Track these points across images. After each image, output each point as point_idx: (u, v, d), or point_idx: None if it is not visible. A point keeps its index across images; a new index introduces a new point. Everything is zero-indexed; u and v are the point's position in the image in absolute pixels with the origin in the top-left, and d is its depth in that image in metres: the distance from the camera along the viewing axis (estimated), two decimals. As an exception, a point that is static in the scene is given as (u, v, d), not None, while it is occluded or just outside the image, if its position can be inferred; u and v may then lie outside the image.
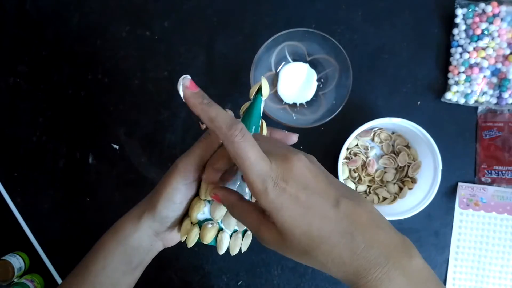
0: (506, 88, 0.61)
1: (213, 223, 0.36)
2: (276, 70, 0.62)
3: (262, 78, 0.38)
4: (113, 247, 0.39)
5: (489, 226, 0.63)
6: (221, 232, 0.36)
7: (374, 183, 0.63)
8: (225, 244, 0.36)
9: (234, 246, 0.37)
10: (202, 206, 0.37)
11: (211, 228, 0.36)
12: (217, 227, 0.36)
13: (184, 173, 0.36)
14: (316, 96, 0.62)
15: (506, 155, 0.63)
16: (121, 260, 0.39)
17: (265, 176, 0.29)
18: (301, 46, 0.60)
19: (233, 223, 0.36)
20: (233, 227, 0.37)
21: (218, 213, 0.36)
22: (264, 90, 0.38)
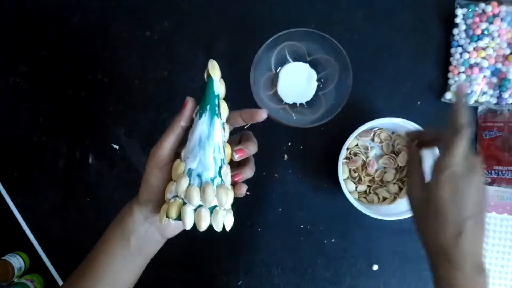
0: (506, 88, 0.61)
1: (176, 198, 0.38)
2: (276, 70, 0.62)
3: (209, 61, 0.42)
4: (113, 232, 0.42)
5: (489, 226, 0.63)
6: (184, 206, 0.38)
7: (374, 183, 0.63)
8: (189, 218, 0.37)
9: (199, 220, 0.37)
10: (171, 185, 0.39)
11: (173, 203, 0.38)
12: (180, 202, 0.38)
13: (154, 157, 0.40)
14: (316, 96, 0.62)
15: (506, 155, 0.63)
16: (120, 243, 0.41)
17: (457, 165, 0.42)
18: (301, 46, 0.60)
19: (195, 196, 0.37)
20: (196, 202, 0.38)
21: (179, 187, 0.38)
22: (212, 71, 0.41)
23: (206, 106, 0.40)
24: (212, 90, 0.41)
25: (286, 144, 0.66)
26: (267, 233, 0.66)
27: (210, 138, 0.39)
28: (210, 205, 0.38)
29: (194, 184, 0.38)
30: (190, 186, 0.38)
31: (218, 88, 0.41)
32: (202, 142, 0.39)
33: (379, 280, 0.65)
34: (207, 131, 0.40)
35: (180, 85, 0.66)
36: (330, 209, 0.66)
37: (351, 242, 0.65)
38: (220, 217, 0.38)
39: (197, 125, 0.40)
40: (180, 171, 0.39)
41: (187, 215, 0.37)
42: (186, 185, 0.38)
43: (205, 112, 0.40)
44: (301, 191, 0.66)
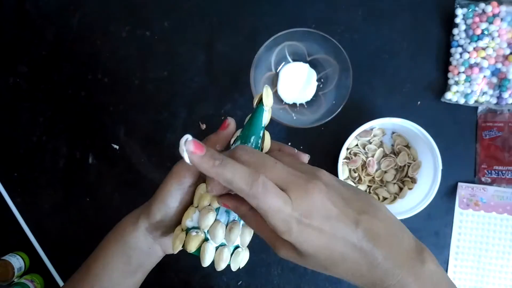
0: (506, 88, 0.61)
1: (198, 232, 0.34)
2: (276, 70, 0.62)
3: (265, 87, 0.37)
4: (113, 246, 0.39)
5: (489, 226, 0.63)
6: (206, 242, 0.34)
7: (374, 183, 0.64)
8: (209, 256, 0.34)
9: (219, 260, 0.34)
10: (192, 212, 0.35)
11: (195, 236, 0.34)
12: (202, 237, 0.34)
13: (178, 178, 0.36)
14: (316, 96, 0.62)
15: (506, 155, 0.63)
16: (120, 260, 0.39)
17: (288, 218, 0.30)
18: (301, 46, 0.60)
19: (220, 235, 0.34)
20: (220, 240, 0.34)
21: (204, 222, 0.34)
22: (266, 99, 0.37)
23: (250, 137, 0.36)
24: (260, 120, 0.37)
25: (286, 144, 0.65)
26: (267, 233, 0.66)
27: None
28: (233, 245, 0.35)
29: (220, 220, 0.34)
30: (216, 223, 0.34)
31: (266, 117, 0.37)
32: None
33: (379, 280, 0.65)
34: None
35: (180, 85, 0.66)
36: (330, 209, 0.65)
37: (351, 242, 0.65)
38: (240, 258, 0.36)
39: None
40: (207, 202, 0.35)
41: (208, 253, 0.34)
42: (213, 220, 0.34)
43: (248, 143, 0.36)
44: (301, 191, 0.66)
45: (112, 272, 0.39)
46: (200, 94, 0.66)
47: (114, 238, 0.39)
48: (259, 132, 0.37)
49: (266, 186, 0.29)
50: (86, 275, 0.39)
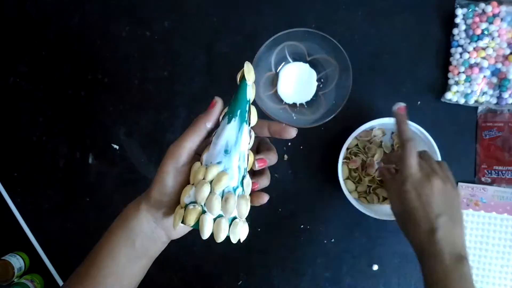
0: (506, 88, 0.61)
1: (195, 205, 0.36)
2: (276, 70, 0.62)
3: (245, 63, 0.39)
4: (117, 232, 0.40)
5: (489, 226, 0.63)
6: (203, 214, 0.36)
7: (374, 183, 0.63)
8: (207, 228, 0.35)
9: (218, 231, 0.35)
10: (189, 189, 0.37)
11: (192, 209, 0.35)
12: (200, 210, 0.36)
13: (173, 157, 0.38)
14: (316, 96, 0.62)
15: (506, 155, 0.63)
16: (124, 244, 0.40)
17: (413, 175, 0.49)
18: (301, 46, 0.60)
19: (217, 207, 0.35)
20: (217, 212, 0.36)
21: (200, 194, 0.35)
22: (248, 74, 0.39)
23: (236, 111, 0.38)
24: (244, 95, 0.39)
25: (286, 144, 0.66)
26: (267, 233, 0.66)
27: (237, 145, 0.37)
28: (230, 216, 0.36)
29: (216, 192, 0.36)
30: (212, 195, 0.36)
31: (251, 92, 0.39)
32: (228, 148, 0.37)
33: (379, 280, 0.65)
34: (235, 138, 0.37)
35: (180, 85, 0.66)
36: (330, 209, 0.66)
37: (351, 242, 0.65)
38: (239, 229, 0.36)
39: (225, 129, 0.37)
40: (201, 176, 0.36)
41: (207, 224, 0.35)
42: (208, 192, 0.36)
43: (235, 117, 0.38)
44: (301, 191, 0.66)
45: (117, 256, 0.40)
46: (200, 94, 0.66)
47: (118, 224, 0.41)
48: (245, 106, 0.39)
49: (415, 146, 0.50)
50: (93, 260, 0.41)
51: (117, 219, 0.42)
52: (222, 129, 0.38)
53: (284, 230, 0.66)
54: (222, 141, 0.37)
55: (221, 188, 0.36)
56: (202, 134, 0.38)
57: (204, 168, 0.37)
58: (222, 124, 0.38)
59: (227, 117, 0.38)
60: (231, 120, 0.38)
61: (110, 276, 0.40)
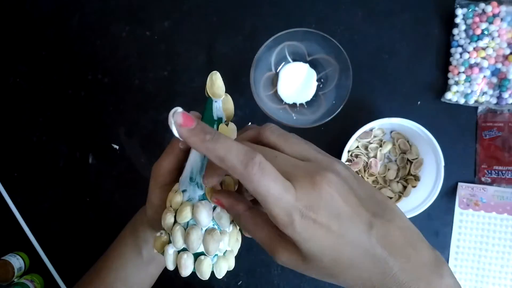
0: (506, 88, 0.61)
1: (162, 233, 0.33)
2: (276, 70, 0.62)
3: (210, 74, 0.32)
4: (128, 237, 0.41)
5: (489, 226, 0.63)
6: (166, 246, 0.32)
7: (377, 183, 0.63)
8: (170, 260, 0.32)
9: (180, 266, 0.31)
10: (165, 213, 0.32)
11: (158, 237, 0.32)
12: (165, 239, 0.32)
13: (153, 177, 0.36)
14: (316, 96, 0.62)
15: (506, 155, 0.63)
16: (132, 251, 0.40)
17: (291, 208, 0.26)
18: (301, 46, 0.60)
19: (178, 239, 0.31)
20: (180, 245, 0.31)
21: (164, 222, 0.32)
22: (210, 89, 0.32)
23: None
24: (209, 114, 0.32)
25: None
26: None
27: (202, 172, 0.32)
28: (195, 251, 0.31)
29: (180, 223, 0.31)
30: (175, 225, 0.31)
31: (220, 110, 0.33)
32: (193, 175, 0.32)
33: (379, 280, 0.65)
34: (200, 164, 0.32)
35: (180, 85, 0.66)
36: (330, 209, 0.66)
37: (351, 242, 0.65)
38: (205, 267, 0.31)
39: (191, 154, 0.33)
40: (169, 203, 0.32)
41: (168, 257, 0.32)
42: (171, 222, 0.31)
43: None
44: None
45: (126, 262, 0.41)
46: (200, 94, 0.66)
47: (129, 231, 0.41)
48: (212, 126, 0.32)
49: (264, 166, 0.25)
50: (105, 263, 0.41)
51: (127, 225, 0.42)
52: (190, 153, 0.33)
53: (284, 230, 0.66)
54: (188, 166, 0.33)
55: (184, 220, 0.31)
56: (178, 154, 0.35)
57: (172, 193, 0.33)
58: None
59: None
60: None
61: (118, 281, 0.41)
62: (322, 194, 0.26)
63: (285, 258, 0.28)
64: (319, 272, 0.28)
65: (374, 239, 0.27)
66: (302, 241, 0.26)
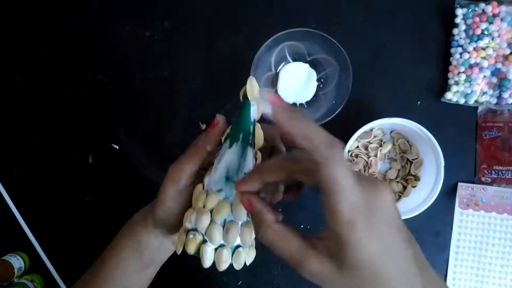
0: (506, 88, 0.61)
1: (195, 234, 0.34)
2: (276, 70, 0.62)
3: (249, 79, 0.35)
4: (126, 242, 0.40)
5: (489, 226, 0.63)
6: (204, 244, 0.34)
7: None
8: (208, 258, 0.33)
9: (219, 262, 0.33)
10: (190, 214, 0.35)
11: (192, 239, 0.34)
12: (200, 239, 0.34)
13: (173, 180, 0.36)
14: (316, 96, 0.62)
15: (506, 155, 0.63)
16: (133, 255, 0.40)
17: (356, 207, 0.25)
18: (301, 46, 0.60)
19: (217, 237, 0.33)
20: (218, 242, 0.33)
21: (200, 224, 0.33)
22: (250, 93, 0.34)
23: (239, 135, 0.34)
24: (248, 116, 0.35)
25: (286, 144, 0.66)
26: (267, 233, 0.66)
27: (240, 171, 0.34)
28: (233, 246, 0.34)
29: (217, 221, 0.33)
30: (212, 224, 0.33)
31: (255, 113, 0.35)
32: (230, 175, 0.34)
33: (379, 280, 0.65)
34: (237, 164, 0.34)
35: (180, 85, 0.66)
36: (330, 209, 0.66)
37: (351, 242, 0.65)
38: (243, 258, 0.34)
39: (226, 154, 0.34)
40: (201, 204, 0.34)
41: (207, 255, 0.33)
42: (208, 222, 0.33)
43: (236, 141, 0.34)
44: (301, 191, 0.66)
45: (125, 267, 0.40)
46: (200, 94, 0.66)
47: (128, 234, 0.41)
48: (249, 128, 0.35)
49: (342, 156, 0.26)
50: (101, 269, 0.41)
51: (126, 227, 0.41)
52: (223, 154, 0.35)
53: (284, 230, 0.66)
54: (222, 167, 0.34)
55: (222, 218, 0.33)
56: (203, 157, 0.36)
57: (204, 194, 0.34)
58: (224, 147, 0.35)
59: (228, 140, 0.35)
60: (232, 144, 0.34)
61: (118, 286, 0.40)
62: (383, 199, 0.26)
63: (318, 270, 0.27)
64: (351, 285, 0.26)
65: (411, 256, 0.27)
66: (355, 245, 0.25)
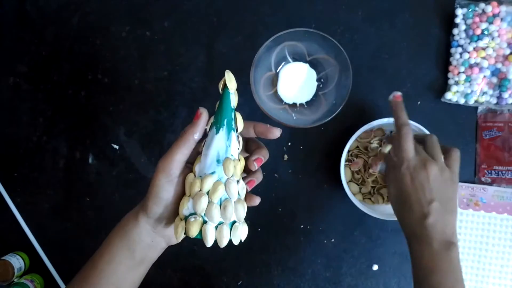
0: (506, 88, 0.61)
1: (196, 217, 0.37)
2: (276, 70, 0.62)
3: (226, 72, 0.39)
4: (117, 242, 0.41)
5: (489, 226, 0.63)
6: (205, 224, 0.37)
7: (377, 183, 0.63)
8: (211, 236, 0.37)
9: (221, 238, 0.37)
10: (186, 201, 0.38)
11: (194, 221, 0.37)
12: (201, 220, 0.37)
13: (164, 171, 0.38)
14: (316, 96, 0.62)
15: (506, 155, 0.63)
16: (124, 254, 0.40)
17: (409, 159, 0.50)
18: (301, 46, 0.60)
19: (217, 215, 0.37)
20: (217, 220, 0.37)
21: (199, 206, 0.37)
22: (229, 83, 0.39)
23: (223, 120, 0.39)
24: (228, 103, 0.40)
25: (286, 144, 0.66)
26: (267, 233, 0.66)
27: (228, 153, 0.38)
28: (230, 222, 0.38)
29: (214, 201, 0.37)
30: (211, 205, 0.37)
31: (234, 100, 0.40)
32: (220, 158, 0.38)
33: (379, 280, 0.65)
34: (224, 147, 0.38)
35: (180, 85, 0.66)
36: (330, 209, 0.66)
37: (351, 242, 0.65)
38: (239, 232, 0.38)
39: (213, 140, 0.39)
40: (197, 188, 0.38)
41: (209, 233, 0.37)
42: (206, 203, 0.37)
43: (222, 126, 0.39)
44: (301, 191, 0.66)
45: (117, 266, 0.40)
46: (200, 94, 0.66)
47: (118, 234, 0.41)
48: (230, 114, 0.39)
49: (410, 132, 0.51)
50: (92, 270, 0.41)
51: (115, 228, 0.42)
52: (211, 140, 0.39)
53: (284, 230, 0.66)
54: (213, 151, 0.38)
55: (218, 197, 0.37)
56: (191, 146, 0.39)
57: (199, 180, 0.38)
58: (211, 134, 0.39)
59: (214, 127, 0.39)
60: (219, 130, 0.39)
61: (110, 285, 0.40)
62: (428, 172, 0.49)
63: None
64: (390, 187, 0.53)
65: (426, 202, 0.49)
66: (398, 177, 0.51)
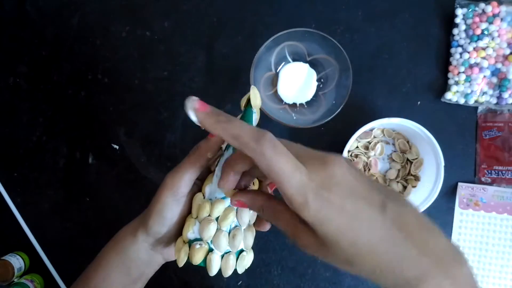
0: (506, 88, 0.61)
1: (201, 244, 0.34)
2: (276, 70, 0.62)
3: (251, 88, 0.36)
4: (113, 258, 0.38)
5: (489, 226, 0.63)
6: (211, 253, 0.34)
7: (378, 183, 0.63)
8: (215, 266, 0.34)
9: (226, 268, 0.34)
10: (192, 225, 0.35)
11: (199, 249, 0.34)
12: (206, 248, 0.34)
13: (172, 189, 0.35)
14: (316, 96, 0.62)
15: (506, 155, 0.63)
16: (120, 271, 0.38)
17: (304, 188, 0.26)
18: (301, 46, 0.60)
19: (224, 244, 0.34)
20: (224, 248, 0.34)
21: (206, 233, 0.33)
22: (254, 101, 0.35)
23: None
24: (250, 122, 0.35)
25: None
26: (267, 233, 0.66)
27: None
28: (237, 250, 0.35)
29: (223, 229, 0.34)
30: (219, 232, 0.34)
31: (256, 120, 0.36)
32: None
33: (379, 280, 0.65)
34: None
35: (180, 85, 0.66)
36: (330, 209, 0.66)
37: (351, 242, 0.65)
38: (246, 261, 0.35)
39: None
40: (206, 213, 0.34)
41: (215, 263, 0.34)
42: (215, 231, 0.34)
43: None
44: (301, 191, 0.66)
45: (112, 283, 0.38)
46: (200, 94, 0.66)
47: (114, 249, 0.39)
48: None
49: (275, 144, 0.27)
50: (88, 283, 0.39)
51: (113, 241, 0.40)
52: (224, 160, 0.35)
53: (284, 230, 0.66)
54: None
55: (228, 224, 0.34)
56: (203, 164, 0.35)
57: (208, 203, 0.34)
58: (226, 154, 0.35)
59: (231, 147, 0.35)
60: (235, 150, 0.34)
61: None
62: (334, 174, 0.27)
63: (304, 243, 0.29)
64: (338, 257, 0.28)
65: (389, 220, 0.26)
66: (317, 223, 0.26)
